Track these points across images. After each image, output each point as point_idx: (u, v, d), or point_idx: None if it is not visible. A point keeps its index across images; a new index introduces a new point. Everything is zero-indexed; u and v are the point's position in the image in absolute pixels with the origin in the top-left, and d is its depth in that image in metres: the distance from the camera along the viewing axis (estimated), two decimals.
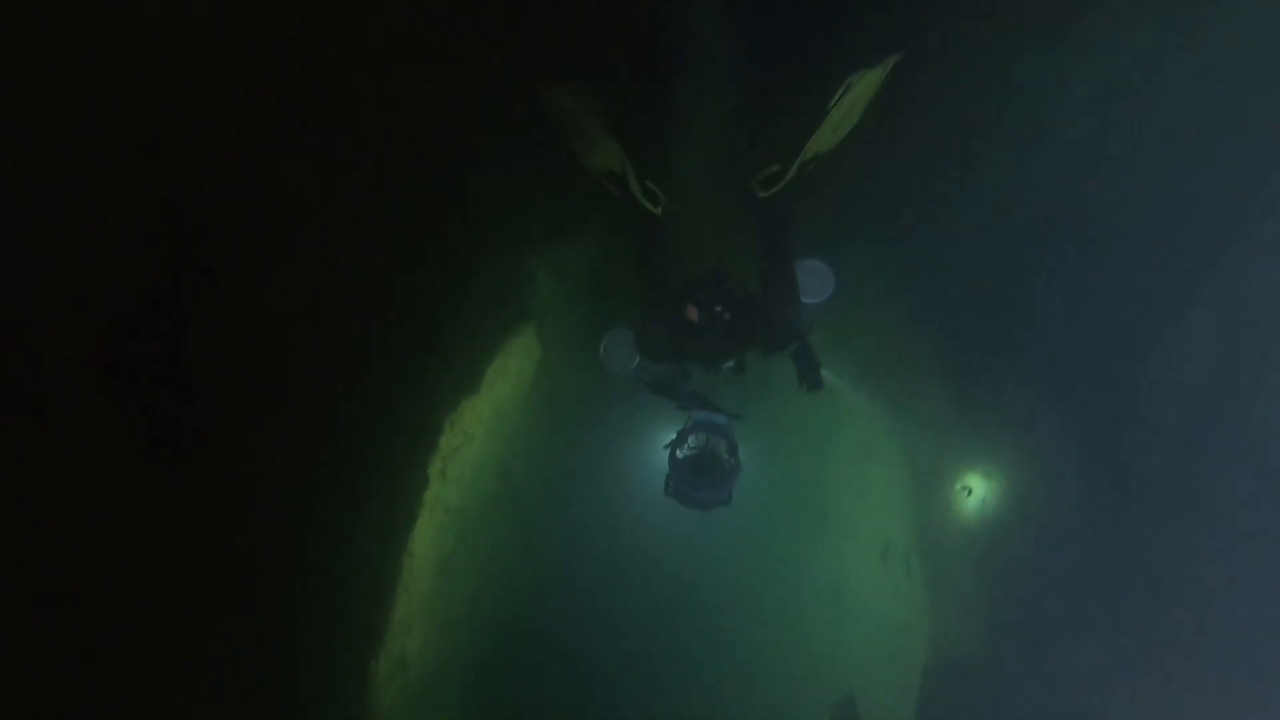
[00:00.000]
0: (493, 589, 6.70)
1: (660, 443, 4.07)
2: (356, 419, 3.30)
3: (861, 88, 2.91)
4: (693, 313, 3.12)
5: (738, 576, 9.39)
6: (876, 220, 4.55)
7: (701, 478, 3.55)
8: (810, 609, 8.71)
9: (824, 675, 7.89)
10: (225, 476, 2.32)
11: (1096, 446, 4.58)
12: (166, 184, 2.02)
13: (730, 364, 3.50)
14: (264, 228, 2.38)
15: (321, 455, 3.02)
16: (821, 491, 8.68)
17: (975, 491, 5.96)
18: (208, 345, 2.13)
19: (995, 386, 5.18)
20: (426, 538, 4.81)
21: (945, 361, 5.45)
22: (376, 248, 3.02)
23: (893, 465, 7.08)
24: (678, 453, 3.62)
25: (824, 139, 3.06)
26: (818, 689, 7.66)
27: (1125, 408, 4.41)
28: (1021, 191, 4.19)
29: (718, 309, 3.14)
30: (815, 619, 8.58)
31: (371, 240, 2.96)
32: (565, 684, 8.00)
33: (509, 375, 5.51)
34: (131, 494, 2.04)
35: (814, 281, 3.30)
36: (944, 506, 6.24)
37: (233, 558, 2.56)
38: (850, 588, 8.01)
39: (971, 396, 5.42)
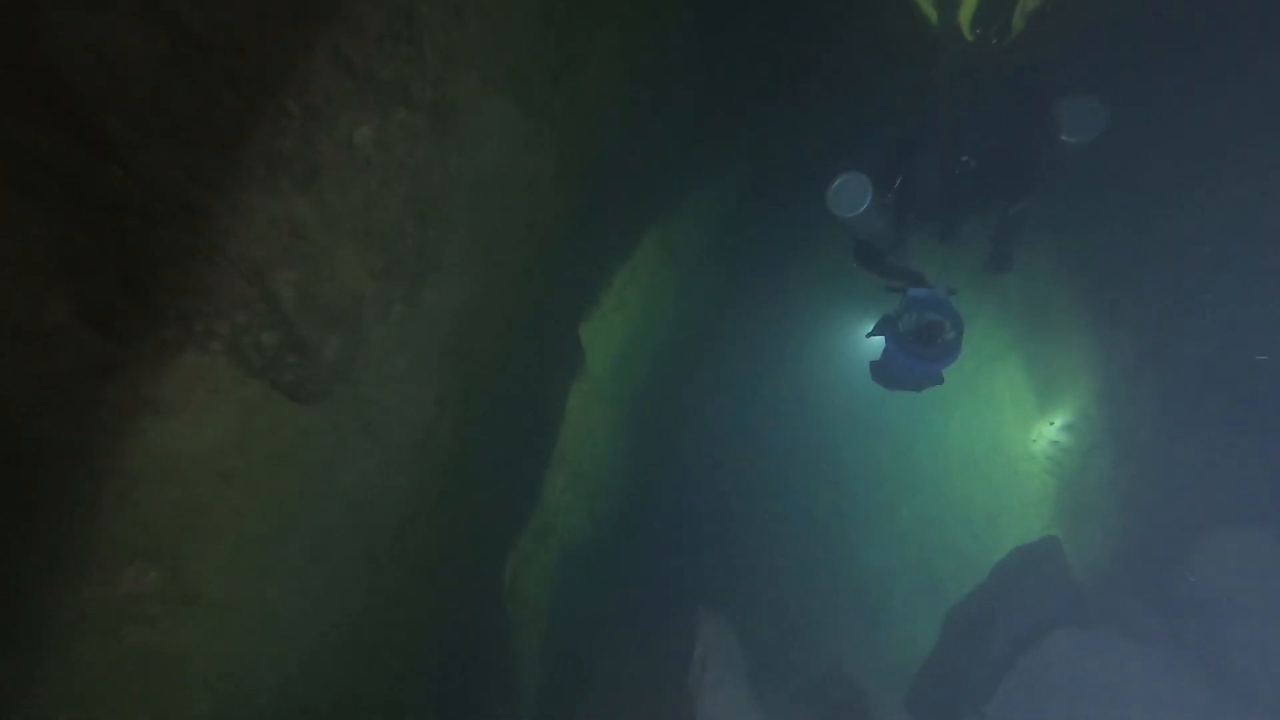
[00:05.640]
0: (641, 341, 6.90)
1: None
2: None
3: None
4: (932, 161, 3.20)
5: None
6: None
7: (929, 348, 3.52)
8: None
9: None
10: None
11: None
12: None
13: (966, 216, 3.45)
14: None
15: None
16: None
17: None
18: (79, 46, 1.52)
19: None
20: None
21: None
22: None
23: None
24: (899, 325, 3.56)
25: None
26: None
27: None
28: None
29: (964, 158, 3.20)
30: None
31: None
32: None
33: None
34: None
35: (1081, 119, 3.14)
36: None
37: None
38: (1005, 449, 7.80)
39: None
